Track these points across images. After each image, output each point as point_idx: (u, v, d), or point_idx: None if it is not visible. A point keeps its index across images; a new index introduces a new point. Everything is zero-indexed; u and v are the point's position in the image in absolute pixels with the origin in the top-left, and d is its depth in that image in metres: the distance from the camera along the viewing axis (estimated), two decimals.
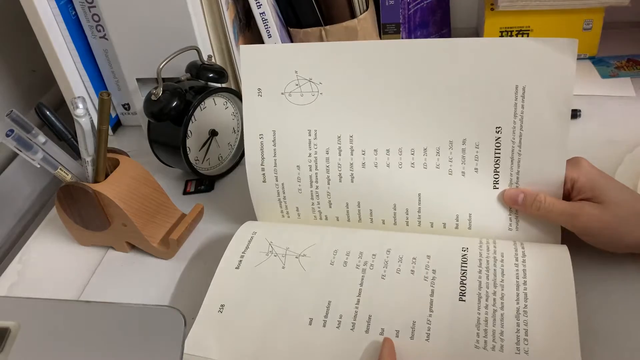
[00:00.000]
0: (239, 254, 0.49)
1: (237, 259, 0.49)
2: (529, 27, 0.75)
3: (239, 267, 0.48)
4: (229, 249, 0.50)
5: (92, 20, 0.69)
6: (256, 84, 0.51)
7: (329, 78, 0.50)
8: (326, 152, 0.50)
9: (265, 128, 0.51)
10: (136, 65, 0.66)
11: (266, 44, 0.68)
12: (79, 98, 0.49)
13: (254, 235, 0.51)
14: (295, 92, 0.51)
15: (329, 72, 0.50)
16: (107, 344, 0.41)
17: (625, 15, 0.79)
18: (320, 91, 0.50)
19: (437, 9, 0.82)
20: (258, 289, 0.46)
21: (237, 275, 0.47)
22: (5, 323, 0.42)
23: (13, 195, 0.70)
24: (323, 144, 0.50)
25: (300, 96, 0.51)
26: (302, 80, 0.50)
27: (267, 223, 0.54)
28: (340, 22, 0.71)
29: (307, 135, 0.51)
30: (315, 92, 0.50)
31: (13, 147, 0.47)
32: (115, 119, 0.77)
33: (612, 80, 0.71)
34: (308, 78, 0.50)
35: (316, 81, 0.50)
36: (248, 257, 0.49)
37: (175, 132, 0.58)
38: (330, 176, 0.51)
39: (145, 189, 0.55)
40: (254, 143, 0.52)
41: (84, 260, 0.56)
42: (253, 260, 0.48)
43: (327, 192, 0.51)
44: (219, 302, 0.45)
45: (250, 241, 0.50)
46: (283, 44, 0.68)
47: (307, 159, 0.51)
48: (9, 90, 0.74)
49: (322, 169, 0.51)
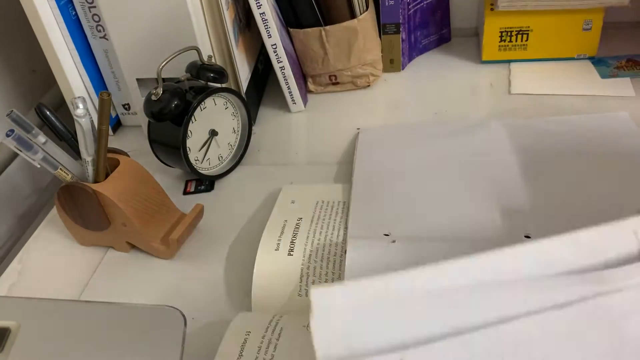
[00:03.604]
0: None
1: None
2: (529, 27, 0.75)
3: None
4: (219, 357, 0.40)
5: (92, 20, 0.69)
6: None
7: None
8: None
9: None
10: (136, 65, 0.66)
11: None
12: (79, 98, 0.49)
13: (247, 337, 0.41)
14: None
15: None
16: (107, 344, 0.42)
17: (625, 15, 0.79)
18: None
19: (437, 9, 0.83)
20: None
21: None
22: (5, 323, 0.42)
23: (13, 195, 0.70)
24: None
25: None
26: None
27: (263, 318, 0.43)
28: (340, 22, 0.71)
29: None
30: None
31: (13, 147, 0.47)
32: (115, 119, 0.77)
33: (612, 81, 0.71)
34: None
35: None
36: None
37: (175, 132, 0.58)
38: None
39: (145, 189, 0.55)
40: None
41: (84, 260, 0.56)
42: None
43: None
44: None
45: (243, 346, 0.40)
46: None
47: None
48: (9, 90, 0.74)
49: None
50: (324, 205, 0.53)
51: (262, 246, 0.49)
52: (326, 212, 0.52)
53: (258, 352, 0.39)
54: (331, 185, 0.58)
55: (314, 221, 0.51)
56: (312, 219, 0.51)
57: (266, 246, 0.49)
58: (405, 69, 0.81)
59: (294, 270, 0.46)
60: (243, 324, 0.43)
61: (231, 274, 0.52)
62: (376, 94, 0.77)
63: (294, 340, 0.40)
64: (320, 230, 0.50)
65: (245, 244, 0.55)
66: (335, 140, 0.68)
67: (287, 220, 0.51)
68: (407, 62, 0.82)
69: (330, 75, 0.76)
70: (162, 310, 0.44)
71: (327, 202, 0.53)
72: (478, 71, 0.78)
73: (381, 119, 0.72)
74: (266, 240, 0.49)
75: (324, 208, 0.53)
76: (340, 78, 0.76)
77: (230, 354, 0.40)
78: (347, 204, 0.53)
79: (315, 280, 0.45)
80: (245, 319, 0.43)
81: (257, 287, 0.47)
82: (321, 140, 0.69)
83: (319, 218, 0.51)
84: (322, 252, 0.47)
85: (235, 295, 0.50)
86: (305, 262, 0.47)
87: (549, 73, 0.75)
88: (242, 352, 0.39)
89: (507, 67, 0.77)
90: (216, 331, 0.43)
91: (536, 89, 0.71)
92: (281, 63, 0.70)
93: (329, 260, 0.47)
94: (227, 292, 0.51)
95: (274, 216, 0.53)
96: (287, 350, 0.39)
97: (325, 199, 0.54)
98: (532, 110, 0.67)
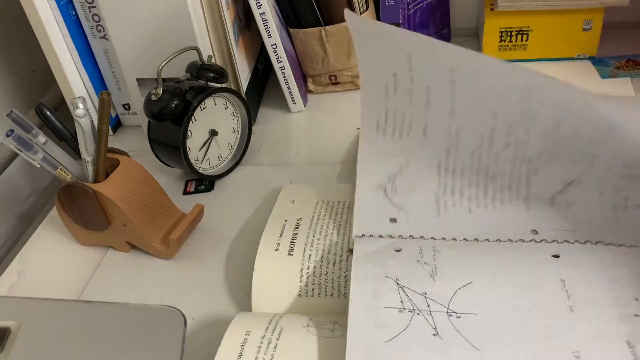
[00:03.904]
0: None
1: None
2: (529, 27, 0.75)
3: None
4: (219, 357, 0.40)
5: (92, 20, 0.69)
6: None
7: None
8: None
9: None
10: (136, 65, 0.66)
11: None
12: (79, 98, 0.49)
13: (247, 337, 0.41)
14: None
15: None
16: (107, 344, 0.42)
17: (625, 15, 0.79)
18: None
19: (437, 9, 0.83)
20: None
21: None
22: (5, 323, 0.42)
23: (13, 195, 0.71)
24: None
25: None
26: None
27: (263, 318, 0.43)
28: (340, 22, 0.71)
29: None
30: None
31: (13, 147, 0.47)
32: (115, 119, 0.77)
33: (612, 81, 0.71)
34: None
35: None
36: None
37: (175, 132, 0.58)
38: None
39: (145, 189, 0.55)
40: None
41: (84, 260, 0.56)
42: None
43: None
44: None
45: (243, 346, 0.40)
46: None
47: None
48: (9, 90, 0.74)
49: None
50: (324, 205, 0.53)
51: (261, 246, 0.49)
52: (326, 212, 0.52)
53: (258, 352, 0.39)
54: (331, 186, 0.57)
55: (314, 221, 0.51)
56: (312, 219, 0.51)
57: (266, 246, 0.49)
58: None
59: (294, 270, 0.47)
60: (243, 323, 0.42)
61: (231, 274, 0.52)
62: None
63: (294, 340, 0.40)
64: (320, 230, 0.50)
65: (245, 244, 0.55)
66: (335, 140, 0.68)
67: (287, 220, 0.51)
68: None
69: (330, 75, 0.76)
70: (162, 310, 0.44)
71: (327, 202, 0.53)
72: None
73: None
74: (266, 240, 0.49)
75: (324, 208, 0.53)
76: (340, 78, 0.76)
77: (230, 354, 0.40)
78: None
79: (315, 280, 0.46)
80: (245, 318, 0.43)
81: (257, 287, 0.47)
82: (321, 140, 0.69)
83: (319, 218, 0.51)
84: (322, 252, 0.48)
85: (235, 295, 0.50)
86: (305, 262, 0.47)
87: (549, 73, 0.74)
88: (241, 352, 0.39)
89: None
90: (216, 331, 0.43)
91: None
92: (281, 63, 0.70)
93: (329, 260, 0.47)
94: (227, 292, 0.51)
95: (274, 216, 0.52)
96: (287, 350, 0.39)
97: (325, 198, 0.54)
98: None
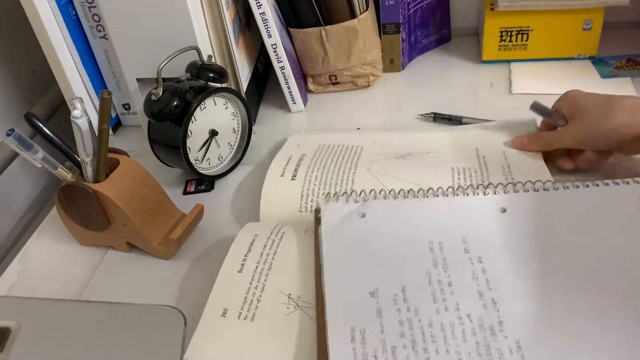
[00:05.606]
0: (241, 258, 0.48)
1: (239, 262, 0.48)
2: (529, 27, 0.75)
3: (241, 270, 0.47)
4: (231, 253, 0.49)
5: (92, 20, 0.69)
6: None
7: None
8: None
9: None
10: (136, 65, 0.66)
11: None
12: (76, 98, 0.49)
13: (255, 237, 0.50)
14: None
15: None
16: (107, 344, 0.42)
17: (625, 15, 0.79)
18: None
19: (437, 9, 0.83)
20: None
21: (239, 279, 0.47)
22: (5, 323, 0.42)
23: (13, 195, 0.71)
24: None
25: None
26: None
27: (269, 226, 0.53)
28: (340, 22, 0.71)
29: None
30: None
31: (14, 146, 0.47)
32: (115, 119, 0.77)
33: (612, 80, 0.71)
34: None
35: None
36: (250, 261, 0.48)
37: (175, 132, 0.58)
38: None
39: (145, 189, 0.55)
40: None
41: (84, 260, 0.56)
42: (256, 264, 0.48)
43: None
44: (221, 306, 0.45)
45: (252, 244, 0.49)
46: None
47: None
48: (9, 90, 0.74)
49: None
50: (324, 147, 0.63)
51: (269, 173, 0.59)
52: (326, 151, 0.62)
53: (264, 247, 0.49)
54: (333, 133, 0.67)
55: (315, 156, 0.61)
56: (313, 155, 0.62)
57: (273, 173, 0.59)
58: (405, 68, 0.81)
59: (296, 191, 0.57)
60: (252, 229, 0.52)
61: None
62: (376, 94, 0.77)
63: (293, 240, 0.50)
64: (319, 163, 0.60)
65: None
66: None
67: (292, 155, 0.62)
68: (407, 62, 0.82)
69: (330, 75, 0.76)
70: (162, 310, 0.44)
71: (327, 145, 0.64)
72: (478, 71, 0.78)
73: (381, 119, 0.72)
74: (273, 169, 0.60)
75: (325, 148, 0.63)
76: (340, 78, 0.76)
77: (241, 250, 0.49)
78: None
79: (313, 199, 0.56)
80: (254, 226, 0.53)
81: (264, 204, 0.56)
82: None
83: (320, 154, 0.62)
84: (320, 178, 0.58)
85: None
86: (305, 185, 0.57)
87: (549, 73, 0.75)
88: (250, 248, 0.49)
89: (507, 67, 0.77)
90: None
91: (536, 89, 0.71)
92: (281, 63, 0.70)
93: (325, 183, 0.57)
94: None
95: (281, 153, 0.63)
96: (288, 247, 0.49)
97: (326, 143, 0.64)
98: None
